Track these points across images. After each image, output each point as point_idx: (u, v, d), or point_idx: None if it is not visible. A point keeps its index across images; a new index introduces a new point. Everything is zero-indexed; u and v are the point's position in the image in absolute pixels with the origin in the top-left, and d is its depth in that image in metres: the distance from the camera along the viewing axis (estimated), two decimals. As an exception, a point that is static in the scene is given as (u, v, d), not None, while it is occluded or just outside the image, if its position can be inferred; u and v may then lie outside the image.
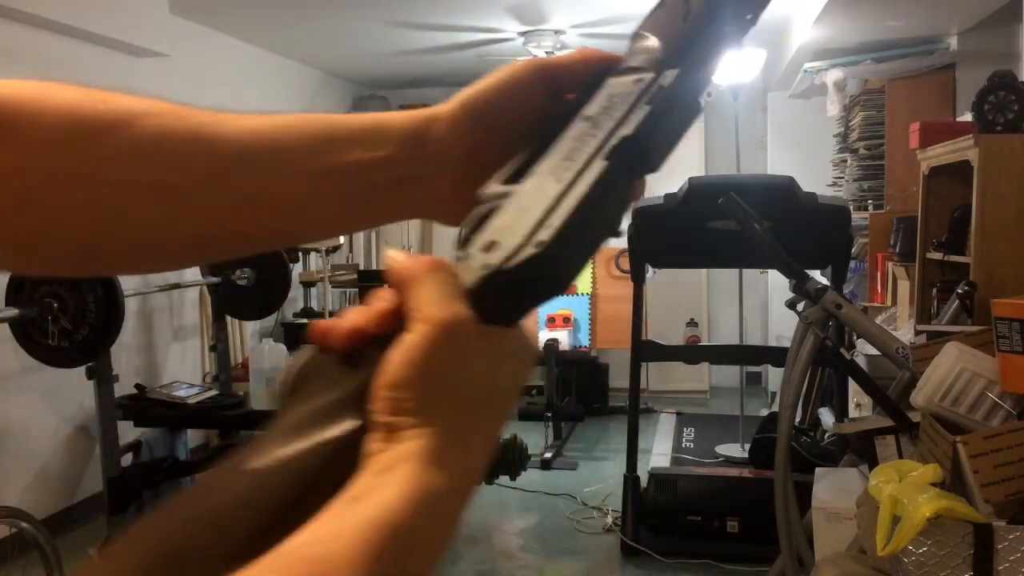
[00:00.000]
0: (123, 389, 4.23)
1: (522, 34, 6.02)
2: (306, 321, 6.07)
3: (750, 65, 5.60)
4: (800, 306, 2.98)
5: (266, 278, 4.78)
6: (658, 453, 5.47)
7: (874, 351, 3.03)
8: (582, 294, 6.28)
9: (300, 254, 6.13)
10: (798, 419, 4.30)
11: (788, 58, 5.72)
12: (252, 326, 5.92)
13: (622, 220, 0.47)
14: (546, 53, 6.09)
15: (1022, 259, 2.98)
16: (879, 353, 2.92)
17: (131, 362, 4.81)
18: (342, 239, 5.84)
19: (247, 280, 4.75)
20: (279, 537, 0.35)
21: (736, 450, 5.38)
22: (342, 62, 6.96)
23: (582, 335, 6.21)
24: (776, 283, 5.92)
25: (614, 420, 6.29)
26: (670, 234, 3.90)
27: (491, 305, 0.42)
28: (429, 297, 0.41)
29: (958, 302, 3.05)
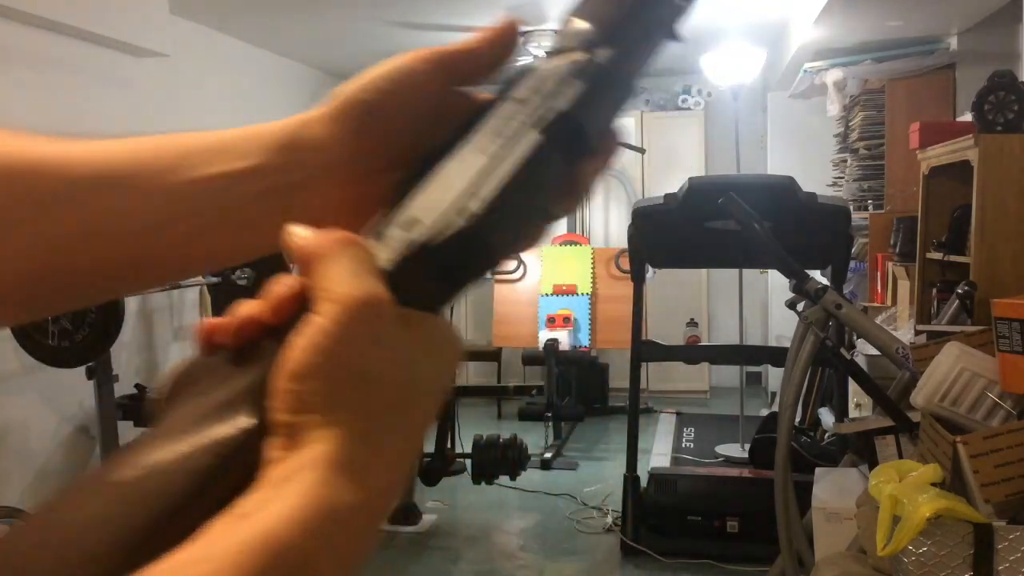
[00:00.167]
0: (123, 389, 4.23)
1: (522, 34, 6.02)
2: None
3: (750, 65, 5.61)
4: (800, 306, 2.98)
5: (266, 278, 4.76)
6: (658, 453, 5.47)
7: (874, 351, 3.03)
8: (582, 294, 6.28)
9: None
10: (798, 419, 4.30)
11: (788, 58, 5.72)
12: (252, 326, 5.92)
13: (559, 206, 0.44)
14: (546, 53, 6.09)
15: (1022, 259, 2.99)
16: (879, 353, 2.92)
17: (131, 362, 4.81)
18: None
19: (247, 280, 4.75)
20: (150, 556, 0.30)
21: (736, 450, 5.38)
22: (342, 62, 6.96)
23: (582, 335, 6.21)
24: (776, 283, 5.92)
25: (614, 420, 6.29)
26: (670, 234, 3.90)
27: (413, 286, 0.38)
28: (340, 274, 0.37)
29: (958, 302, 3.05)
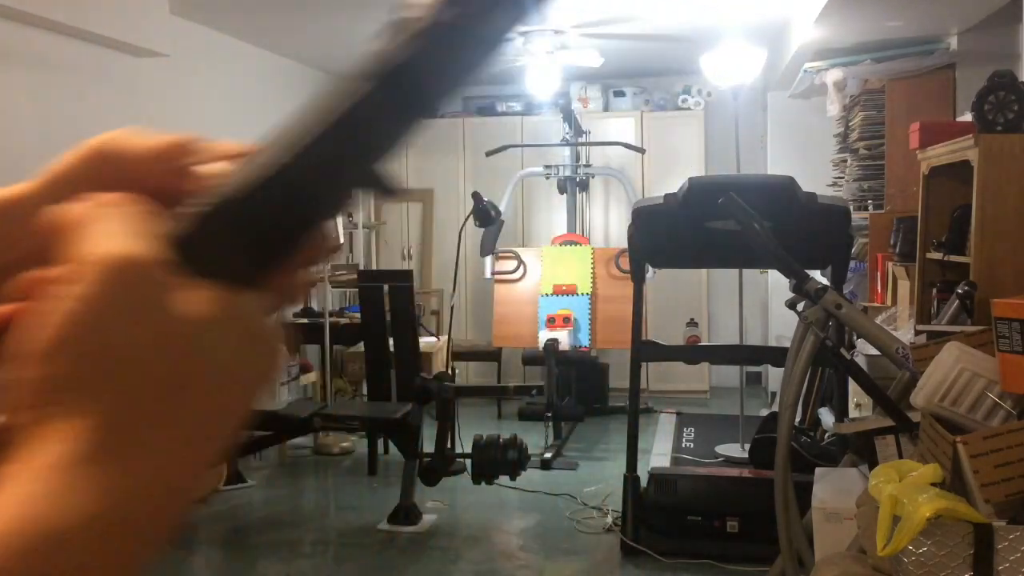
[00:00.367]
0: (123, 389, 4.23)
1: (522, 34, 6.02)
2: (306, 321, 6.08)
3: (750, 65, 5.60)
4: (800, 306, 2.98)
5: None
6: (658, 453, 5.47)
7: (874, 351, 3.03)
8: (582, 294, 6.28)
9: (300, 254, 6.11)
10: (798, 419, 4.30)
11: (788, 58, 5.72)
12: (252, 326, 5.90)
13: (390, 175, 0.39)
14: (546, 53, 6.10)
15: (1022, 259, 2.98)
16: (879, 353, 2.92)
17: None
18: (342, 239, 5.83)
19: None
20: None
21: (736, 450, 5.38)
22: (342, 62, 6.96)
23: (582, 335, 6.21)
24: (776, 283, 5.92)
25: (614, 420, 6.29)
26: (670, 234, 3.90)
27: (213, 253, 0.33)
28: (103, 234, 0.30)
29: (958, 302, 3.05)
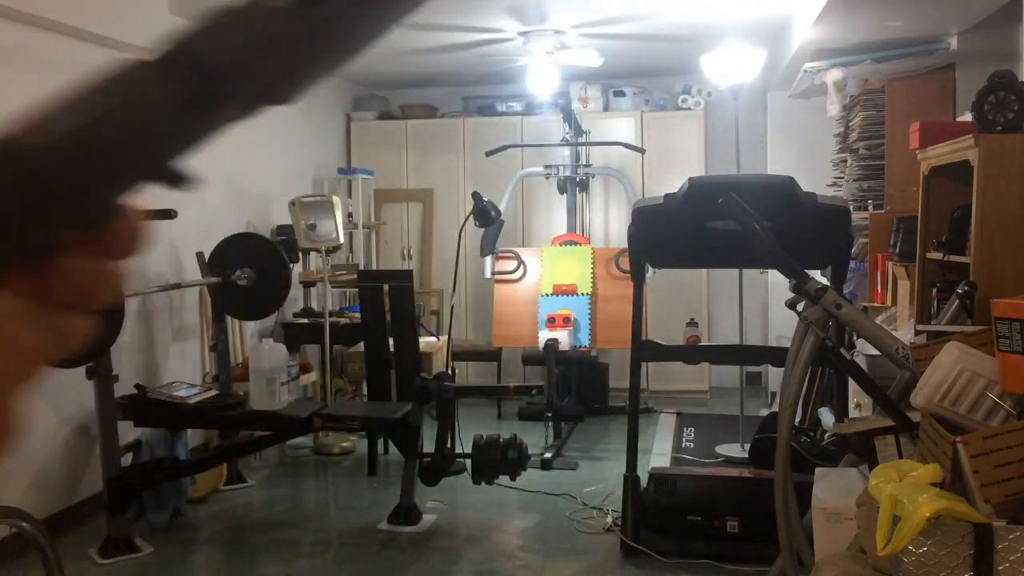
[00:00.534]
0: (123, 389, 4.23)
1: (522, 34, 6.02)
2: (306, 321, 6.09)
3: (750, 65, 5.60)
4: (800, 306, 2.97)
5: (266, 278, 4.77)
6: (658, 453, 5.47)
7: (874, 351, 3.03)
8: (582, 294, 6.28)
9: (300, 254, 6.12)
10: (798, 419, 4.30)
11: (788, 58, 5.72)
12: (252, 326, 5.92)
13: (172, 152, 0.36)
14: (546, 53, 6.10)
15: (1022, 259, 2.99)
16: (879, 353, 2.92)
17: (131, 362, 4.80)
18: (342, 239, 5.82)
19: (247, 280, 4.74)
20: None
21: (736, 450, 5.38)
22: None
23: (582, 335, 6.20)
24: (776, 283, 5.92)
25: (614, 420, 6.29)
26: (670, 234, 3.90)
27: None
28: None
29: (958, 302, 3.05)
